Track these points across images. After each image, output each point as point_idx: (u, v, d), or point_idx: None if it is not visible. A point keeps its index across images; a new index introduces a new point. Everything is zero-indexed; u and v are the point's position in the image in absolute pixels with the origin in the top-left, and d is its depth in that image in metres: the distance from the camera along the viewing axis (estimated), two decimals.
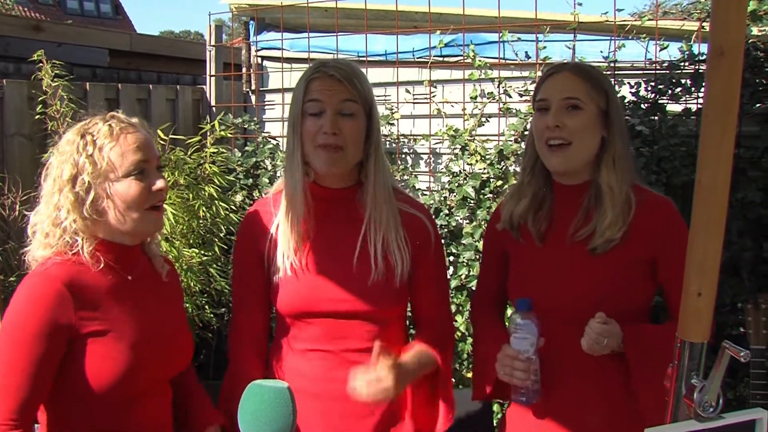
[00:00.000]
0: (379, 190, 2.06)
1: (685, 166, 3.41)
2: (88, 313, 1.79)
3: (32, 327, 1.73)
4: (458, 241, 3.82)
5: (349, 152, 2.03)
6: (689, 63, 3.58)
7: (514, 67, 4.03)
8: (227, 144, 4.56)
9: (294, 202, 2.05)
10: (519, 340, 1.96)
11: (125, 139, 1.84)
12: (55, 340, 1.75)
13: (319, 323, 2.05)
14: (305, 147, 2.03)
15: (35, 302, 1.75)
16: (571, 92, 2.01)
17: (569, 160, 2.02)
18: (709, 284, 1.33)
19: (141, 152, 1.86)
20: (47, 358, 1.74)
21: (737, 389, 3.20)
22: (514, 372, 1.95)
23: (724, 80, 1.26)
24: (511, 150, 3.79)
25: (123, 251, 1.90)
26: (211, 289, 3.85)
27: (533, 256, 2.10)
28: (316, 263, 2.06)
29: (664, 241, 1.99)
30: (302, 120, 2.03)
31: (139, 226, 1.87)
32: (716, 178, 1.29)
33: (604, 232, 1.98)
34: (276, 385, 1.53)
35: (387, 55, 4.47)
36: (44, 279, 1.78)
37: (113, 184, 1.83)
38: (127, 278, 1.90)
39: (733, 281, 3.33)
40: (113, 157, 1.83)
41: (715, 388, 1.32)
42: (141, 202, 1.85)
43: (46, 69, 3.66)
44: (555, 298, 2.00)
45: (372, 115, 2.08)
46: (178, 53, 6.19)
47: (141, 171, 1.85)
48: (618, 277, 2.00)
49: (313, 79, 2.03)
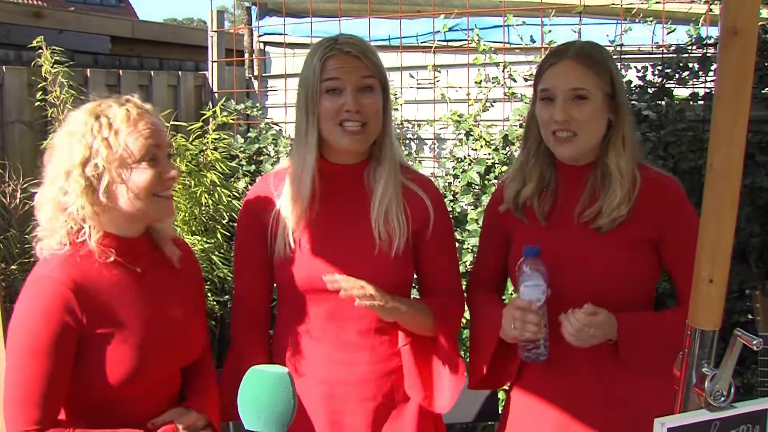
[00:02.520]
0: (390, 165, 2.04)
1: (692, 151, 3.38)
2: (95, 313, 1.76)
3: (45, 337, 1.70)
4: (462, 227, 3.79)
5: (371, 128, 2.01)
6: (697, 47, 3.54)
7: (519, 52, 3.99)
8: (229, 130, 4.54)
9: (301, 181, 2.02)
10: (530, 288, 1.91)
11: (140, 124, 1.80)
12: (68, 344, 1.73)
13: (323, 302, 2.03)
14: (323, 126, 2.00)
15: (44, 311, 1.72)
16: (577, 82, 1.97)
17: (577, 150, 2.00)
18: (720, 270, 1.31)
19: (154, 138, 1.82)
20: (63, 363, 1.73)
21: (744, 376, 3.18)
22: (527, 325, 1.90)
23: (737, 60, 1.23)
24: (516, 135, 3.75)
25: (128, 244, 1.85)
26: (214, 277, 3.83)
27: (538, 236, 2.07)
28: (321, 240, 2.04)
29: (669, 220, 1.98)
30: (319, 99, 1.99)
31: (151, 210, 1.83)
32: (729, 162, 1.27)
33: (612, 212, 1.97)
34: (276, 370, 1.51)
35: (390, 40, 4.45)
36: (50, 285, 1.74)
37: (128, 170, 1.78)
38: (136, 271, 1.87)
39: (741, 268, 3.31)
40: (129, 142, 1.78)
41: (727, 377, 1.31)
42: (152, 189, 1.81)
43: (46, 55, 3.63)
44: (561, 277, 1.97)
45: (386, 89, 2.06)
46: (181, 40, 6.14)
47: (154, 157, 1.81)
48: (625, 255, 1.98)
49: (329, 57, 1.99)
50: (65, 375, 1.74)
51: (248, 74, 4.96)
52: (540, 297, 1.91)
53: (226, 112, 4.39)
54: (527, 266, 1.93)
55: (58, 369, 1.72)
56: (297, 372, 2.05)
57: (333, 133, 2.00)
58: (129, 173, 1.79)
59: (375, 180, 2.05)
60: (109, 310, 1.78)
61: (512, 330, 1.93)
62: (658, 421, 1.28)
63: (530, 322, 1.90)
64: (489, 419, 2.72)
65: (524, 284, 1.92)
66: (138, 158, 1.79)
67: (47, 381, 1.70)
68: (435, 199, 2.13)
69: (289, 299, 2.10)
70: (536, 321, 1.90)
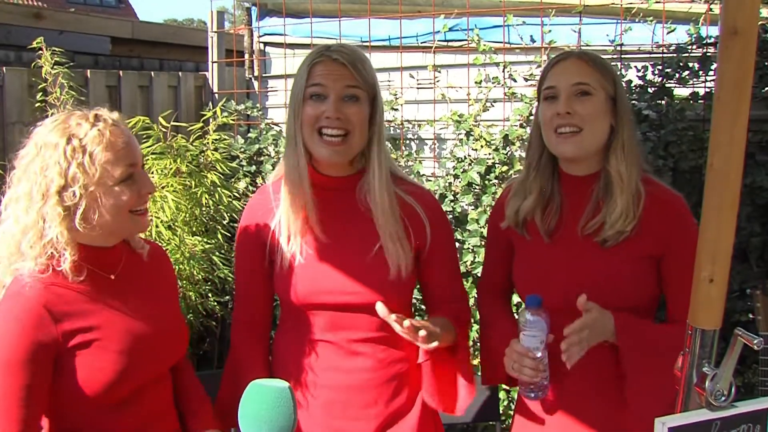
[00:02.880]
0: (380, 179, 2.01)
1: (693, 151, 3.38)
2: (70, 325, 1.74)
3: (19, 354, 1.68)
4: (463, 227, 3.79)
5: (354, 138, 1.98)
6: (697, 46, 3.53)
7: (519, 52, 3.98)
8: (230, 131, 4.54)
9: (296, 190, 2.00)
10: (528, 338, 1.92)
11: (114, 143, 1.76)
12: (43, 360, 1.71)
13: (323, 314, 2.03)
14: (304, 132, 1.98)
15: (16, 328, 1.69)
16: (581, 77, 1.98)
17: (580, 147, 1.99)
18: (721, 270, 1.30)
19: (130, 156, 1.79)
20: (39, 378, 1.71)
21: (745, 376, 3.18)
22: (523, 369, 1.92)
23: (737, 60, 1.23)
24: (517, 135, 3.75)
25: (103, 253, 1.85)
26: (215, 277, 3.83)
27: (541, 253, 2.07)
28: (319, 254, 2.03)
29: (673, 238, 1.97)
30: (303, 105, 1.98)
31: (127, 228, 1.84)
32: (729, 162, 1.26)
33: (615, 224, 1.96)
34: (277, 384, 1.51)
35: (391, 40, 4.44)
36: (22, 302, 1.71)
37: (105, 193, 1.76)
38: (110, 278, 1.86)
39: (742, 267, 3.31)
40: (107, 167, 1.75)
41: (728, 377, 1.30)
42: (131, 207, 1.80)
43: (46, 56, 3.63)
44: (565, 294, 1.95)
45: (376, 101, 2.03)
46: (181, 40, 6.14)
47: (130, 175, 1.79)
48: (629, 271, 1.97)
49: (317, 63, 1.98)
50: (43, 389, 1.72)
51: (248, 75, 4.95)
52: (538, 346, 1.92)
53: (226, 112, 4.39)
54: (528, 315, 1.93)
55: (37, 383, 1.70)
56: (298, 379, 2.05)
57: (312, 142, 1.98)
58: (107, 197, 1.76)
59: (369, 200, 2.02)
60: (85, 320, 1.76)
61: (511, 370, 1.96)
62: (659, 420, 1.28)
63: (527, 366, 1.92)
64: (489, 419, 2.72)
65: (523, 333, 1.93)
66: (115, 180, 1.76)
67: (27, 394, 1.68)
68: (433, 210, 2.12)
69: (289, 309, 2.10)
70: (533, 366, 1.92)
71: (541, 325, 1.91)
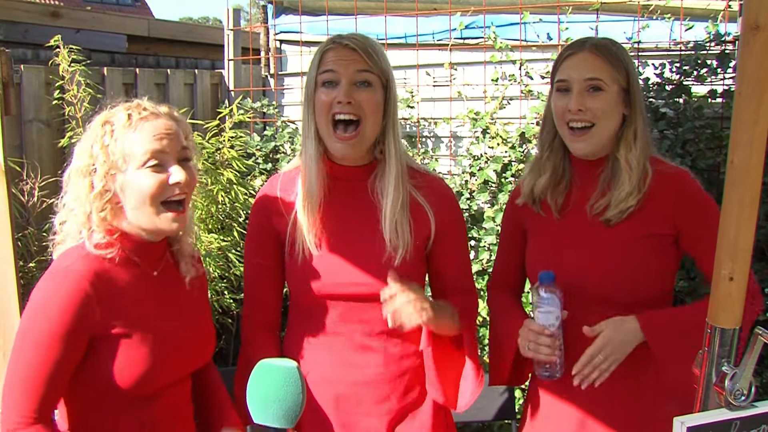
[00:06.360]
0: (394, 170, 2.00)
1: (711, 149, 3.36)
2: (112, 312, 1.74)
3: (58, 329, 1.67)
4: (479, 225, 3.78)
5: (367, 126, 1.96)
6: (715, 43, 3.51)
7: (536, 49, 3.98)
8: (246, 128, 4.55)
9: (312, 181, 2.00)
10: (544, 315, 1.93)
11: (143, 128, 1.75)
12: (78, 342, 1.71)
13: (336, 306, 2.02)
14: (318, 121, 1.98)
15: (62, 304, 1.68)
16: (593, 73, 1.98)
17: (592, 144, 2.00)
18: (741, 268, 1.29)
19: (158, 142, 1.75)
20: (69, 359, 1.70)
21: (763, 376, 3.15)
22: (540, 348, 1.93)
23: (758, 56, 1.21)
24: (533, 133, 3.73)
25: (144, 246, 1.83)
26: (231, 275, 3.84)
27: (552, 229, 2.09)
28: (333, 246, 2.02)
29: (686, 213, 1.97)
30: (315, 92, 1.98)
31: (155, 222, 1.77)
32: (749, 159, 1.25)
33: (619, 204, 1.97)
34: (285, 364, 1.51)
35: (407, 38, 4.44)
36: (70, 277, 1.71)
37: (125, 177, 1.74)
38: (152, 274, 1.85)
39: (760, 265, 3.28)
40: (127, 148, 1.73)
41: (747, 376, 1.29)
42: (155, 196, 1.75)
43: (63, 54, 3.65)
44: (574, 271, 1.98)
45: (389, 89, 2.01)
46: (197, 38, 6.16)
47: (157, 162, 1.75)
48: (635, 249, 1.98)
49: (328, 50, 1.99)
50: (68, 371, 1.72)
51: (264, 72, 4.96)
52: (553, 323, 1.93)
53: (242, 110, 4.41)
54: (542, 291, 1.93)
55: (65, 361, 1.69)
56: (309, 374, 2.04)
57: (327, 136, 1.97)
58: (126, 180, 1.75)
59: (381, 191, 2.01)
60: (125, 309, 1.76)
61: (527, 350, 1.96)
62: (677, 419, 1.27)
63: (543, 344, 1.93)
64: (506, 418, 2.71)
65: (538, 309, 1.94)
66: (137, 164, 1.74)
67: (53, 371, 1.68)
68: (444, 198, 2.10)
69: (301, 302, 2.09)
70: (549, 344, 1.92)
71: (555, 302, 1.92)
